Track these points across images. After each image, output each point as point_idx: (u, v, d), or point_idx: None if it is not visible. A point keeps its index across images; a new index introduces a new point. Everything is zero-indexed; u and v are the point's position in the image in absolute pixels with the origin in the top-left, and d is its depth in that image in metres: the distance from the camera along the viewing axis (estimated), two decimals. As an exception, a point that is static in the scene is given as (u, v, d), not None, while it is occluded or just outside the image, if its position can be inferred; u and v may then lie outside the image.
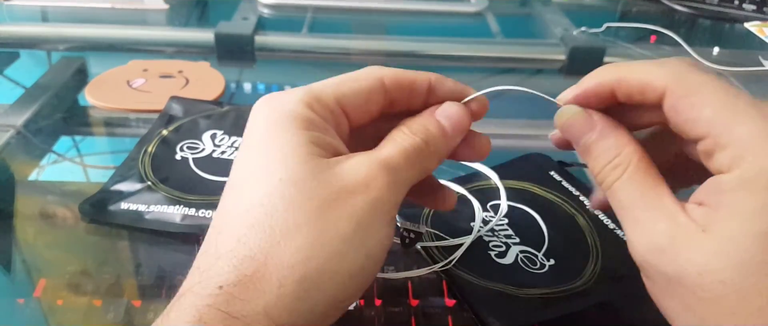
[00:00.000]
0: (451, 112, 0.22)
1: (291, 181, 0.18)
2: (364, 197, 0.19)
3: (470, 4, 0.66)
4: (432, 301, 0.28)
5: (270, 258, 0.17)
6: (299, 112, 0.20)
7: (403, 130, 0.21)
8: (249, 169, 0.19)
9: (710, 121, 0.18)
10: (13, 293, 0.28)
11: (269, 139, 0.19)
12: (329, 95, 0.21)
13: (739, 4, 0.67)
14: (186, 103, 0.41)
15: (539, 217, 0.32)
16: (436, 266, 0.28)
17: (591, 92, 0.21)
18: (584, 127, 0.21)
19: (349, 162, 0.19)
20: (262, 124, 0.20)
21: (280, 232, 0.18)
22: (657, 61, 0.20)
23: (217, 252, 0.18)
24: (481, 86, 0.23)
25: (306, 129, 0.19)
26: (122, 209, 0.32)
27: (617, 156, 0.20)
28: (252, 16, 0.57)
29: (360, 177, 0.19)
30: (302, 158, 0.19)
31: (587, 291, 0.28)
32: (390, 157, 0.20)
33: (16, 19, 0.59)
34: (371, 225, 0.19)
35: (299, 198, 0.18)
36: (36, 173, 0.37)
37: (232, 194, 0.19)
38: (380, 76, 0.21)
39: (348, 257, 0.18)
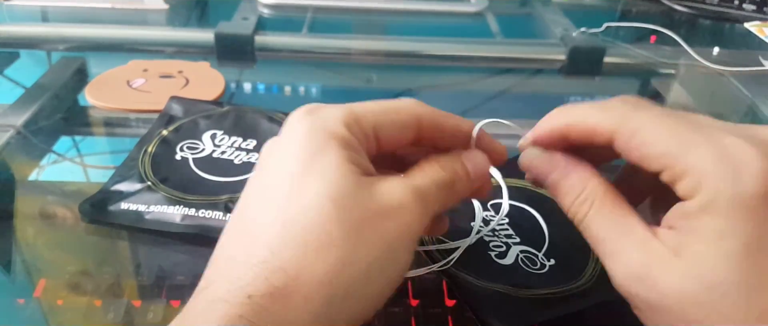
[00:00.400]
0: (477, 160, 0.23)
1: (329, 197, 0.18)
2: (396, 221, 0.19)
3: (470, 4, 0.66)
4: (432, 301, 0.28)
5: (301, 272, 0.17)
6: (339, 131, 0.20)
7: (433, 165, 0.22)
8: (286, 179, 0.19)
9: (661, 156, 0.18)
10: (14, 293, 0.28)
11: (309, 152, 0.19)
12: (369, 121, 0.21)
13: (739, 4, 0.67)
14: (186, 103, 0.41)
15: (540, 217, 0.32)
16: (434, 266, 0.28)
17: (545, 137, 0.22)
18: (546, 167, 0.22)
19: (385, 184, 0.20)
20: (302, 136, 0.20)
21: (314, 248, 0.18)
22: (601, 104, 0.20)
23: (249, 261, 0.18)
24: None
25: (344, 148, 0.20)
26: (122, 209, 0.32)
27: (582, 191, 0.21)
28: (252, 16, 0.57)
29: (394, 200, 0.19)
30: (341, 175, 0.19)
31: (588, 291, 0.28)
32: (423, 186, 0.20)
33: (16, 19, 0.59)
34: (399, 250, 0.19)
35: (336, 216, 0.18)
36: (36, 173, 0.37)
37: (266, 201, 0.19)
38: (419, 115, 0.22)
39: (373, 280, 0.19)
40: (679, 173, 0.18)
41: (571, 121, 0.21)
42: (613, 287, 0.25)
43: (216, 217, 0.31)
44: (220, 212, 0.31)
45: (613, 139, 0.20)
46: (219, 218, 0.31)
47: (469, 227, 0.31)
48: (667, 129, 0.18)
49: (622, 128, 0.19)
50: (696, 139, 0.18)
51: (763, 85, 0.50)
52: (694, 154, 0.18)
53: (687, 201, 0.18)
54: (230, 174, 0.34)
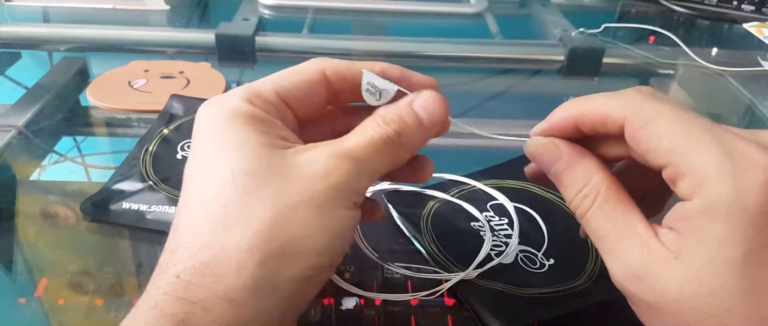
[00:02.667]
0: (430, 104, 0.21)
1: (243, 171, 0.18)
2: (324, 183, 0.19)
3: (469, 5, 0.66)
4: (432, 301, 0.28)
5: (226, 244, 0.18)
6: (241, 108, 0.20)
7: (376, 119, 0.21)
8: (200, 166, 0.20)
9: (668, 150, 0.18)
10: (15, 292, 0.28)
11: (216, 136, 0.20)
12: (269, 90, 0.21)
13: (738, 5, 0.67)
14: (187, 101, 0.41)
15: (539, 217, 0.32)
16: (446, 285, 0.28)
17: (558, 126, 0.22)
18: (551, 156, 0.22)
19: (308, 152, 0.19)
20: (207, 124, 0.20)
21: (236, 220, 0.18)
22: (615, 93, 0.20)
23: (175, 247, 0.18)
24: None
25: (250, 123, 0.19)
26: (124, 208, 0.32)
27: (586, 185, 0.21)
28: (253, 17, 0.57)
29: (318, 166, 0.19)
30: (253, 149, 0.19)
31: (587, 290, 0.28)
32: (354, 148, 0.20)
33: (18, 19, 0.59)
34: (332, 208, 0.19)
35: (254, 186, 0.18)
36: (37, 173, 0.37)
37: (186, 192, 0.20)
38: (322, 68, 0.21)
39: (311, 237, 0.18)
40: (682, 171, 0.18)
41: (585, 109, 0.21)
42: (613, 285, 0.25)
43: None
44: (221, 212, 0.31)
45: (624, 126, 0.19)
46: (220, 217, 0.31)
47: (470, 227, 0.31)
48: (678, 124, 0.18)
49: (634, 116, 0.19)
50: (704, 139, 0.18)
51: (761, 86, 0.50)
52: (700, 153, 0.18)
53: (687, 202, 0.18)
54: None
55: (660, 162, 0.19)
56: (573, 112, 0.21)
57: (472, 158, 0.39)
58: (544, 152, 0.22)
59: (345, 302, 0.27)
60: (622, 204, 0.20)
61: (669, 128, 0.18)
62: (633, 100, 0.19)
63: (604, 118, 0.20)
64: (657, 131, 0.19)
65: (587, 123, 0.21)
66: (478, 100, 0.50)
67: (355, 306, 0.27)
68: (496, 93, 0.53)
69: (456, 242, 0.30)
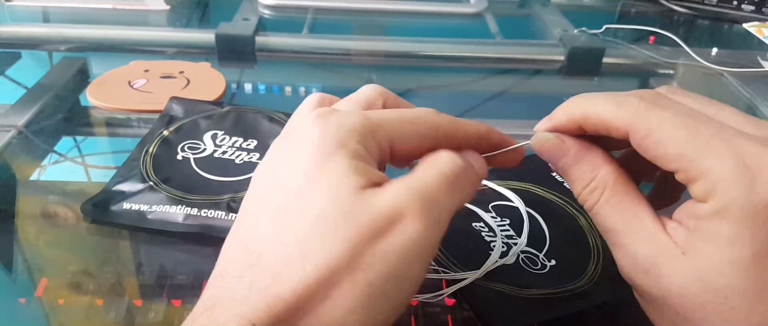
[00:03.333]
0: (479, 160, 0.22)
1: (327, 217, 0.17)
2: (397, 230, 0.17)
3: (469, 5, 0.66)
4: (432, 301, 0.28)
5: (302, 303, 0.17)
6: (351, 144, 0.19)
7: (443, 152, 0.20)
8: (287, 192, 0.18)
9: (676, 157, 0.18)
10: (15, 292, 0.28)
11: (313, 164, 0.18)
12: (386, 132, 0.20)
13: (738, 5, 0.67)
14: (186, 103, 0.41)
15: (540, 218, 0.32)
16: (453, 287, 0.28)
17: (562, 125, 0.21)
18: (557, 151, 0.21)
19: (383, 192, 0.18)
20: (310, 145, 0.19)
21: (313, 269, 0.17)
22: (617, 98, 0.20)
23: (252, 285, 0.17)
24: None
25: (351, 157, 0.18)
26: (124, 209, 0.32)
27: (593, 179, 0.20)
28: (253, 17, 0.57)
29: (391, 209, 0.18)
30: (343, 191, 0.18)
31: (588, 291, 0.28)
32: (425, 186, 0.19)
33: (18, 19, 0.59)
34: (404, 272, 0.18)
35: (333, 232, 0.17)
36: (37, 173, 0.37)
37: (267, 215, 0.18)
38: (437, 125, 0.21)
39: (377, 308, 0.17)
40: (694, 176, 0.18)
41: (587, 112, 0.20)
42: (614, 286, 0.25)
43: (218, 216, 0.31)
44: (223, 211, 0.31)
45: (629, 135, 0.19)
46: (221, 217, 0.31)
47: (471, 228, 0.31)
48: (684, 130, 0.18)
49: (637, 126, 0.19)
50: (713, 142, 0.18)
51: (761, 85, 0.50)
52: (710, 158, 0.17)
53: (700, 204, 0.18)
54: (232, 174, 0.35)
55: (670, 167, 0.19)
56: (576, 115, 0.21)
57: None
58: (551, 147, 0.22)
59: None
60: (630, 197, 0.20)
61: (674, 135, 0.18)
62: (635, 109, 0.19)
63: (607, 125, 0.20)
64: (662, 139, 0.18)
65: (590, 125, 0.21)
66: (478, 100, 0.50)
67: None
68: (496, 93, 0.53)
69: (458, 242, 0.30)
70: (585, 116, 0.21)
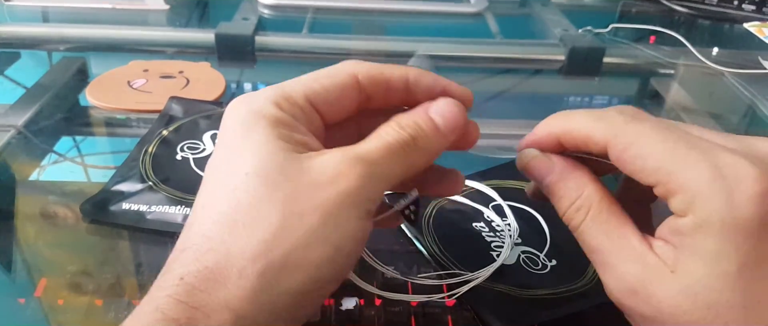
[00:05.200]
0: (446, 110, 0.21)
1: (256, 175, 0.18)
2: (333, 189, 0.18)
3: (470, 4, 0.66)
4: (432, 302, 0.28)
5: (232, 249, 0.17)
6: (267, 110, 0.20)
7: (391, 124, 0.20)
8: (218, 167, 0.20)
9: (655, 170, 0.18)
10: (14, 293, 0.28)
11: (237, 137, 0.19)
12: (299, 93, 0.20)
13: (739, 5, 0.67)
14: (186, 103, 0.41)
15: (541, 218, 0.32)
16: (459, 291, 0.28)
17: (542, 141, 0.22)
18: (543, 169, 0.22)
19: (320, 157, 0.19)
20: (231, 124, 0.20)
21: (244, 225, 0.18)
22: (597, 114, 0.20)
23: (183, 248, 0.18)
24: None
25: (273, 126, 0.19)
26: (124, 209, 0.32)
27: (578, 197, 0.20)
28: (252, 17, 0.57)
29: (329, 170, 0.19)
30: (269, 153, 0.19)
31: (589, 291, 0.28)
32: (368, 151, 0.19)
33: (17, 19, 0.59)
34: (340, 217, 0.18)
35: (264, 191, 0.18)
36: (37, 173, 0.37)
37: (203, 192, 0.20)
38: (354, 73, 0.21)
39: (313, 248, 0.18)
40: (672, 189, 0.18)
41: (567, 127, 0.21)
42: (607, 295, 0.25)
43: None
44: (221, 212, 0.31)
45: (607, 148, 0.19)
46: (220, 218, 0.31)
47: (473, 229, 0.31)
48: (662, 143, 0.18)
49: (616, 140, 0.19)
50: (691, 155, 0.18)
51: (762, 85, 0.50)
52: (688, 171, 0.18)
53: (681, 219, 0.18)
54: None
55: (649, 181, 0.19)
56: (556, 130, 0.21)
57: (474, 159, 0.39)
58: (537, 164, 0.22)
59: (345, 302, 0.27)
60: (616, 217, 0.20)
61: (653, 148, 0.18)
62: (614, 123, 0.19)
63: (586, 140, 0.20)
64: (641, 152, 0.18)
65: (570, 141, 0.21)
66: (478, 100, 0.50)
67: (355, 306, 0.27)
68: (496, 93, 0.53)
69: (458, 243, 0.30)
70: (565, 131, 0.21)
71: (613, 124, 0.19)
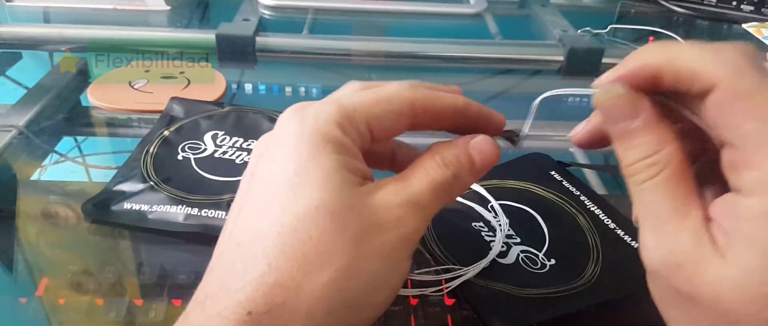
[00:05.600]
0: (485, 148, 0.21)
1: (326, 210, 0.18)
2: (395, 234, 0.19)
3: (469, 5, 0.66)
4: (432, 300, 0.28)
5: (301, 288, 0.17)
6: (333, 133, 0.19)
7: (436, 159, 0.20)
8: (279, 187, 0.19)
9: (749, 134, 0.16)
10: (16, 292, 0.28)
11: (302, 159, 0.19)
12: (362, 116, 0.20)
13: (737, 5, 0.67)
14: (187, 103, 0.41)
15: (540, 217, 0.32)
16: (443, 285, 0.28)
17: (636, 74, 0.18)
18: (628, 111, 0.18)
19: (380, 193, 0.19)
20: (293, 139, 0.19)
21: (313, 262, 0.17)
22: (713, 47, 0.17)
23: (246, 274, 0.18)
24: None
25: (338, 153, 0.19)
26: (125, 209, 0.32)
27: (656, 153, 0.18)
28: (253, 18, 0.57)
29: (392, 214, 0.19)
30: (338, 186, 0.18)
31: (588, 291, 0.28)
32: (421, 194, 0.20)
33: (19, 19, 0.59)
34: (399, 261, 0.19)
35: (333, 228, 0.18)
36: (38, 173, 0.38)
37: (260, 208, 0.19)
38: (412, 101, 0.21)
39: (378, 291, 0.19)
40: (752, 162, 0.16)
41: (673, 58, 0.18)
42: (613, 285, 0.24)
43: (219, 216, 0.31)
44: (223, 211, 0.31)
45: (714, 89, 0.17)
46: (222, 217, 0.31)
47: (471, 227, 0.31)
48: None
49: (731, 82, 0.16)
50: None
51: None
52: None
53: (744, 199, 0.16)
54: (232, 174, 0.35)
55: (733, 140, 0.16)
56: (656, 60, 0.18)
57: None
58: (622, 103, 0.18)
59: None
60: (685, 186, 0.18)
61: (761, 111, 0.16)
62: (733, 63, 0.17)
63: (692, 75, 0.17)
64: (748, 108, 0.16)
65: (670, 76, 0.18)
66: (478, 100, 0.50)
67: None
68: (496, 93, 0.53)
69: (457, 242, 0.30)
70: (669, 61, 0.18)
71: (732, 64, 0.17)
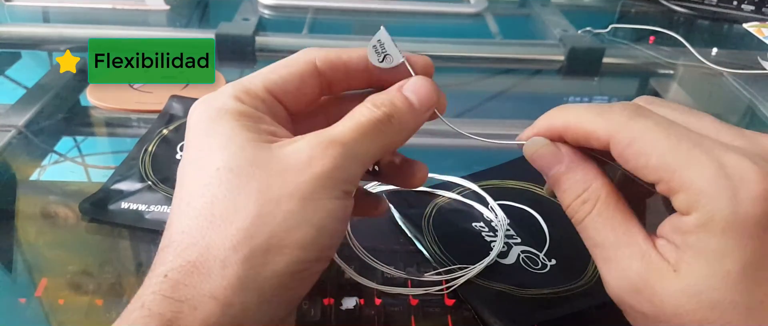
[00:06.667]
0: (420, 87, 0.21)
1: (227, 169, 0.18)
2: (308, 173, 0.19)
3: (469, 5, 0.66)
4: (432, 301, 0.28)
5: (212, 242, 0.18)
6: (229, 105, 0.20)
7: (366, 104, 0.21)
8: (189, 165, 0.20)
9: (657, 168, 0.18)
10: (15, 292, 0.28)
11: (203, 134, 0.20)
12: (258, 85, 0.21)
13: (738, 5, 0.67)
14: (186, 102, 0.41)
15: (540, 217, 0.32)
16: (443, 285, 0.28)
17: (543, 134, 0.21)
18: (552, 159, 0.21)
19: (292, 144, 0.19)
20: (195, 122, 0.20)
21: (221, 217, 0.18)
22: (600, 109, 0.20)
23: (165, 246, 0.18)
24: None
25: (237, 119, 0.19)
26: (123, 208, 0.32)
27: (585, 190, 0.20)
28: (253, 17, 0.57)
29: (302, 155, 0.19)
30: (237, 145, 0.19)
31: (588, 291, 0.28)
32: (341, 133, 0.19)
33: (18, 19, 0.59)
34: (318, 199, 0.19)
35: (238, 183, 0.18)
36: (37, 173, 0.37)
37: (178, 192, 0.20)
38: (312, 59, 0.21)
39: (295, 231, 0.18)
40: (675, 187, 0.18)
41: (569, 122, 0.20)
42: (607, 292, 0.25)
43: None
44: (221, 212, 0.31)
45: (610, 145, 0.19)
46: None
47: (471, 228, 0.31)
48: (665, 140, 0.18)
49: (619, 136, 0.19)
50: (695, 153, 0.18)
51: (761, 86, 0.50)
52: (691, 169, 0.17)
53: (684, 217, 0.18)
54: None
55: (651, 178, 0.18)
56: (557, 123, 0.21)
57: (474, 159, 0.39)
58: (545, 154, 0.21)
59: (345, 302, 0.27)
60: (621, 213, 0.20)
61: (656, 146, 0.18)
62: (618, 119, 0.19)
63: (588, 135, 0.20)
64: (644, 149, 0.18)
65: (571, 137, 0.20)
66: (478, 100, 0.50)
67: (355, 305, 0.27)
68: (496, 93, 0.53)
69: (458, 242, 0.30)
70: (566, 125, 0.20)
71: (616, 121, 0.19)
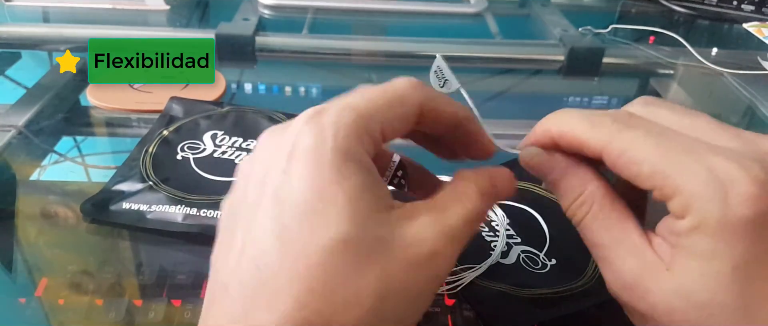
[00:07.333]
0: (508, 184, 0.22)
1: (353, 243, 0.17)
2: (426, 274, 0.18)
3: (469, 5, 0.66)
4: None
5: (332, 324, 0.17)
6: (354, 150, 0.18)
7: (472, 188, 0.20)
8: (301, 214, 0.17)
9: (650, 176, 0.18)
10: (15, 292, 0.28)
11: (324, 182, 0.17)
12: (377, 122, 0.19)
13: (738, 5, 0.67)
14: (186, 103, 0.41)
15: (541, 217, 0.32)
16: None
17: (541, 142, 0.22)
18: (546, 166, 0.22)
19: (414, 224, 0.18)
20: (312, 156, 0.18)
21: (340, 300, 0.17)
22: (592, 118, 0.20)
23: (272, 307, 0.17)
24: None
25: (361, 173, 0.18)
26: (124, 209, 0.32)
27: (582, 193, 0.21)
28: (252, 17, 0.57)
29: (425, 248, 0.18)
30: (364, 214, 0.17)
31: (589, 290, 0.28)
32: (457, 228, 0.19)
33: (18, 19, 0.59)
34: (429, 297, 0.19)
35: (361, 262, 0.17)
36: (37, 173, 0.37)
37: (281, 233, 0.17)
38: (420, 103, 0.21)
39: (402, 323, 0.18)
40: (669, 193, 0.18)
41: (563, 131, 0.21)
42: None
43: (218, 217, 0.31)
44: (222, 212, 0.31)
45: (602, 155, 0.20)
46: (220, 217, 0.31)
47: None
48: (656, 148, 0.18)
49: (610, 147, 0.19)
50: (686, 159, 0.18)
51: (761, 86, 0.50)
52: (683, 175, 0.18)
53: (678, 220, 0.18)
54: (231, 174, 0.35)
55: (645, 186, 0.19)
56: (553, 131, 0.21)
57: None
58: (540, 162, 0.22)
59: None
60: (617, 213, 0.20)
61: (647, 154, 0.18)
62: (608, 130, 0.19)
63: (581, 145, 0.20)
64: (635, 159, 0.19)
65: (565, 144, 0.21)
66: (478, 100, 0.50)
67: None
68: (496, 93, 0.53)
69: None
70: (560, 134, 0.21)
71: (607, 132, 0.19)
